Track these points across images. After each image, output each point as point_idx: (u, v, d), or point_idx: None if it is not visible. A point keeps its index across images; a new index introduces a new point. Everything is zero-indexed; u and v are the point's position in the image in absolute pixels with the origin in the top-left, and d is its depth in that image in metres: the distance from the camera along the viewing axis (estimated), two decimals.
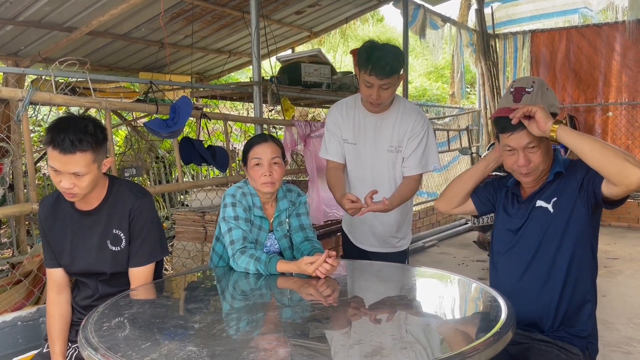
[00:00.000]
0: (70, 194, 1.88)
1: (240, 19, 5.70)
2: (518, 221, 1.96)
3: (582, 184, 1.83)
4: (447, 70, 15.42)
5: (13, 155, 4.65)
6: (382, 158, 2.64)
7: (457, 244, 6.55)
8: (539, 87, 1.88)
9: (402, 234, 2.82)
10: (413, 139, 2.60)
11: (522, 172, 1.89)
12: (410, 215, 2.89)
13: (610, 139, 7.95)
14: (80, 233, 2.01)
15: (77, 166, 1.82)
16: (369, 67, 2.37)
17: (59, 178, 1.84)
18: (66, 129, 1.80)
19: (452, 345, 1.43)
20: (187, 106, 3.30)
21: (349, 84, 5.27)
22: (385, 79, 2.39)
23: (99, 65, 6.04)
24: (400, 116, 2.61)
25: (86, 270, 2.02)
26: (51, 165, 1.84)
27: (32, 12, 4.37)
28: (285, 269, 2.03)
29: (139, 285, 2.00)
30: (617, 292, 4.47)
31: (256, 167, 2.22)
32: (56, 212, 2.03)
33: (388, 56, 2.37)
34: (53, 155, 1.81)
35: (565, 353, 1.81)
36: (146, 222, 2.00)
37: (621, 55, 7.79)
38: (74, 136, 1.79)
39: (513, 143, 1.87)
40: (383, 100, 2.50)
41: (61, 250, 2.02)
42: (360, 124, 2.65)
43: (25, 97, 2.60)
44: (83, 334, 1.46)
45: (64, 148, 1.78)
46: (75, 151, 1.80)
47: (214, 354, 1.32)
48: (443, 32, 7.64)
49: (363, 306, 1.81)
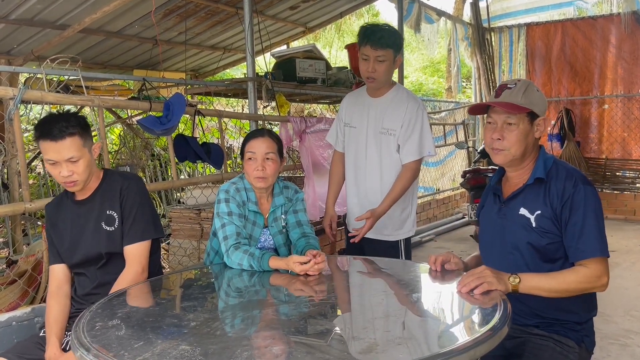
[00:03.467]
0: (71, 182, 2.01)
1: (234, 15, 5.67)
2: (499, 220, 1.94)
3: (560, 219, 1.80)
4: (442, 65, 15.40)
5: (6, 154, 4.62)
6: (373, 141, 2.77)
7: (455, 239, 6.55)
8: (522, 84, 1.87)
9: (397, 225, 2.83)
10: (407, 123, 2.70)
11: (494, 147, 1.89)
12: (409, 210, 2.89)
13: (607, 132, 7.96)
14: (77, 222, 2.13)
15: (70, 151, 1.95)
16: (365, 39, 2.62)
17: (57, 169, 1.97)
18: (50, 121, 1.95)
19: (448, 340, 1.42)
20: (181, 103, 3.28)
21: (344, 79, 5.25)
22: (379, 50, 2.59)
23: (92, 63, 6.01)
24: (396, 100, 2.74)
25: (84, 256, 2.12)
26: (47, 159, 1.97)
27: (24, 10, 4.33)
28: (277, 266, 2.03)
29: (134, 264, 2.07)
30: (614, 284, 4.46)
31: (250, 161, 2.23)
32: (58, 211, 2.18)
33: (383, 30, 2.63)
34: (46, 146, 1.94)
35: (561, 346, 1.81)
36: (136, 200, 2.12)
37: (616, 48, 7.79)
38: (59, 124, 1.94)
39: (495, 115, 1.89)
40: (379, 74, 2.65)
41: (62, 244, 2.14)
42: (362, 108, 2.83)
43: (17, 95, 2.58)
44: (75, 335, 1.45)
45: (54, 135, 1.93)
46: (65, 136, 1.94)
47: (207, 352, 1.31)
48: (438, 26, 7.62)
49: (359, 302, 1.80)
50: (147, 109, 3.32)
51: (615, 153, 7.93)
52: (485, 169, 5.74)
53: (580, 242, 1.75)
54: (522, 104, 1.83)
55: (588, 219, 1.75)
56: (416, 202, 2.95)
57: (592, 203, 1.76)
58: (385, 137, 2.74)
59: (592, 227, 1.74)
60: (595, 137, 8.07)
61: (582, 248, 1.74)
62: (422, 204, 7.08)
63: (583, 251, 1.74)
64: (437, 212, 7.44)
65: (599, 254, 1.74)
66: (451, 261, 1.97)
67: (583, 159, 7.84)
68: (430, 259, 2.00)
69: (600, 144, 8.04)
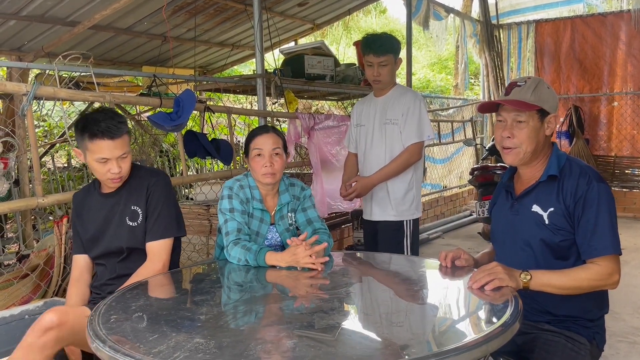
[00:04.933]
0: (118, 178, 2.06)
1: (242, 12, 5.68)
2: (512, 217, 1.94)
3: (573, 217, 1.80)
4: (450, 62, 15.33)
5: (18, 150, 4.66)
6: (379, 131, 3.11)
7: (462, 236, 6.55)
8: (532, 82, 1.86)
9: (400, 206, 3.09)
10: (407, 111, 3.03)
11: (505, 146, 1.89)
12: (413, 193, 3.13)
13: (616, 129, 7.91)
14: (102, 214, 2.16)
15: (123, 148, 2.03)
16: (367, 48, 3.02)
17: (107, 166, 2.01)
18: (101, 120, 1.98)
19: (459, 336, 1.43)
20: (191, 99, 3.30)
21: (352, 75, 5.25)
22: (381, 56, 2.99)
23: (102, 59, 6.03)
24: (397, 95, 3.11)
25: (106, 249, 2.15)
26: (99, 157, 1.99)
27: (34, 6, 4.36)
28: (274, 260, 2.03)
29: (155, 260, 2.09)
30: (623, 282, 4.40)
31: (257, 157, 2.23)
32: (85, 201, 2.21)
33: (382, 38, 3.03)
34: (101, 145, 1.98)
35: (572, 342, 1.81)
36: (161, 197, 2.14)
37: (626, 45, 7.73)
38: (113, 121, 1.98)
39: (504, 113, 1.89)
40: (383, 77, 3.05)
41: (86, 234, 2.18)
42: (369, 108, 3.20)
43: (30, 91, 2.61)
44: (91, 327, 1.47)
45: (112, 134, 1.98)
46: (122, 134, 2.01)
47: (221, 345, 1.33)
48: (446, 23, 7.59)
49: (368, 297, 1.81)
50: (157, 105, 3.34)
51: (625, 151, 7.88)
52: (493, 166, 5.74)
53: (593, 240, 1.75)
54: (532, 101, 1.83)
55: (601, 217, 1.74)
56: (420, 186, 3.22)
57: (606, 200, 1.76)
58: (390, 126, 3.07)
59: (605, 224, 1.74)
60: (605, 135, 8.02)
61: (595, 246, 1.74)
62: (429, 201, 7.07)
63: (596, 249, 1.74)
64: (444, 209, 7.43)
65: (611, 251, 1.74)
66: (461, 257, 1.98)
67: (592, 157, 7.80)
68: (441, 255, 2.00)
69: (609, 141, 7.99)
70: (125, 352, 1.29)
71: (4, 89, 2.74)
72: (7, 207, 2.85)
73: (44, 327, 1.73)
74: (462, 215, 7.47)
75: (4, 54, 5.19)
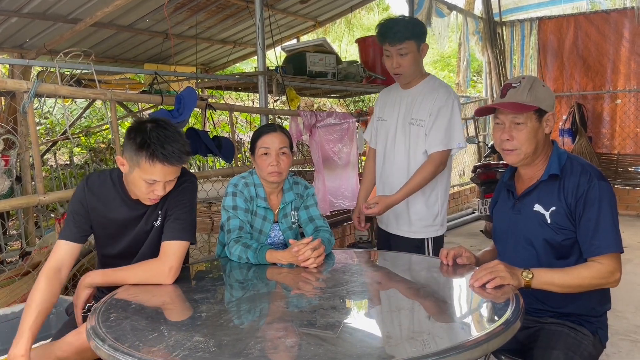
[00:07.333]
0: (158, 198, 1.91)
1: (244, 9, 5.68)
2: (514, 216, 1.94)
3: (574, 215, 1.79)
4: (453, 59, 15.29)
5: (20, 147, 4.66)
6: (402, 132, 2.67)
7: (465, 234, 6.53)
8: (527, 82, 1.84)
9: (422, 222, 2.67)
10: (436, 111, 2.56)
11: (505, 148, 1.87)
12: (438, 207, 2.69)
13: (619, 127, 7.88)
14: (128, 220, 1.99)
15: (175, 174, 1.87)
16: (382, 37, 2.57)
17: (153, 187, 1.85)
18: (166, 142, 1.80)
19: (460, 334, 1.42)
20: (192, 97, 3.29)
21: (354, 73, 5.24)
22: (398, 44, 2.53)
23: (103, 57, 6.04)
24: (427, 90, 2.65)
25: (124, 250, 2.02)
26: (149, 178, 1.82)
27: (36, 3, 4.36)
28: (275, 258, 2.03)
29: (164, 260, 1.88)
30: (626, 280, 4.41)
31: (264, 156, 2.23)
32: (100, 195, 1.99)
33: (398, 24, 2.54)
34: (158, 168, 1.80)
35: (575, 333, 1.80)
36: (185, 198, 1.99)
37: (630, 42, 7.70)
38: (179, 145, 1.82)
39: (502, 116, 1.87)
40: (404, 69, 2.59)
41: (105, 230, 2.00)
42: (394, 101, 2.76)
43: (31, 89, 2.61)
44: (90, 325, 1.47)
45: (173, 160, 1.81)
46: (182, 163, 1.85)
47: (220, 344, 1.32)
48: (449, 20, 7.57)
49: (370, 295, 1.81)
50: (159, 102, 3.34)
51: (628, 148, 7.85)
52: (496, 163, 5.72)
53: (595, 238, 1.74)
54: (529, 102, 1.81)
55: (603, 215, 1.74)
56: (447, 199, 2.75)
57: (607, 199, 1.75)
58: (415, 127, 2.61)
59: (607, 223, 1.73)
60: (608, 133, 7.99)
61: (596, 244, 1.74)
62: None
63: (598, 247, 1.73)
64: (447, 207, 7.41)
65: (613, 249, 1.73)
66: (463, 255, 1.97)
67: (595, 154, 7.77)
68: (442, 252, 2.00)
69: (612, 139, 7.97)
70: (125, 350, 1.29)
71: (6, 86, 2.74)
72: (9, 204, 2.85)
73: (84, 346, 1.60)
74: (464, 213, 7.46)
75: (6, 51, 5.19)
